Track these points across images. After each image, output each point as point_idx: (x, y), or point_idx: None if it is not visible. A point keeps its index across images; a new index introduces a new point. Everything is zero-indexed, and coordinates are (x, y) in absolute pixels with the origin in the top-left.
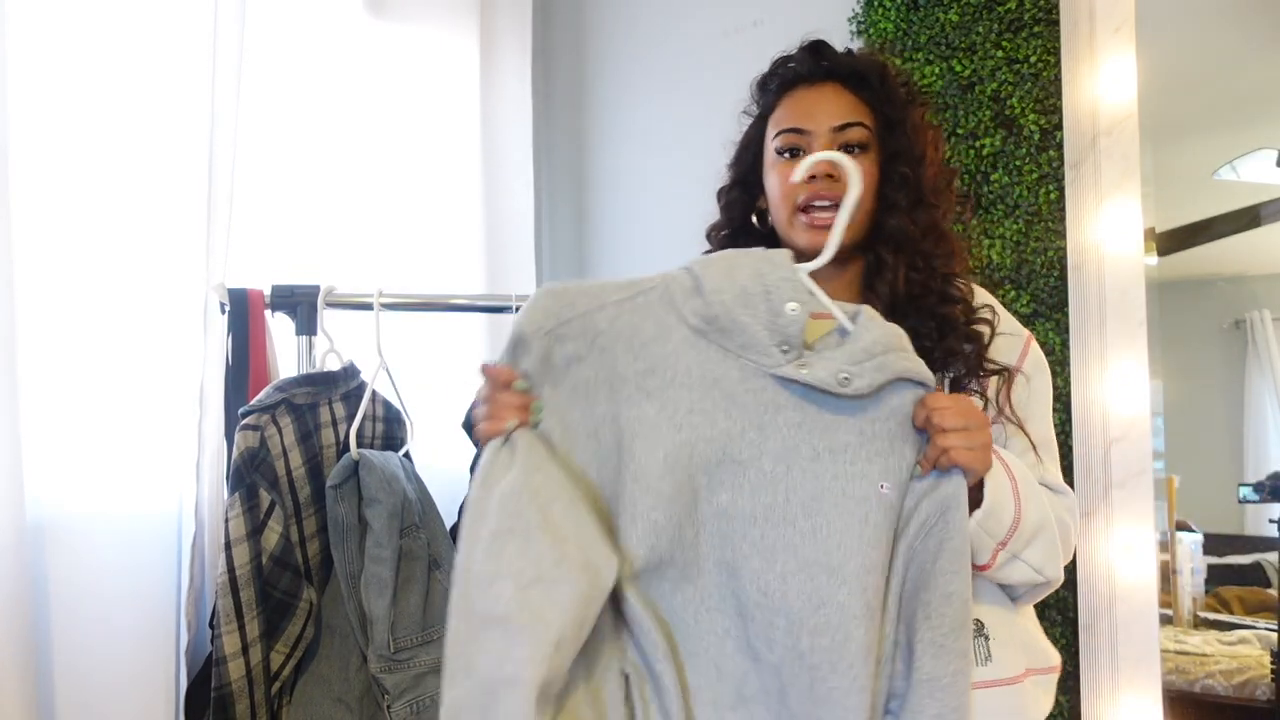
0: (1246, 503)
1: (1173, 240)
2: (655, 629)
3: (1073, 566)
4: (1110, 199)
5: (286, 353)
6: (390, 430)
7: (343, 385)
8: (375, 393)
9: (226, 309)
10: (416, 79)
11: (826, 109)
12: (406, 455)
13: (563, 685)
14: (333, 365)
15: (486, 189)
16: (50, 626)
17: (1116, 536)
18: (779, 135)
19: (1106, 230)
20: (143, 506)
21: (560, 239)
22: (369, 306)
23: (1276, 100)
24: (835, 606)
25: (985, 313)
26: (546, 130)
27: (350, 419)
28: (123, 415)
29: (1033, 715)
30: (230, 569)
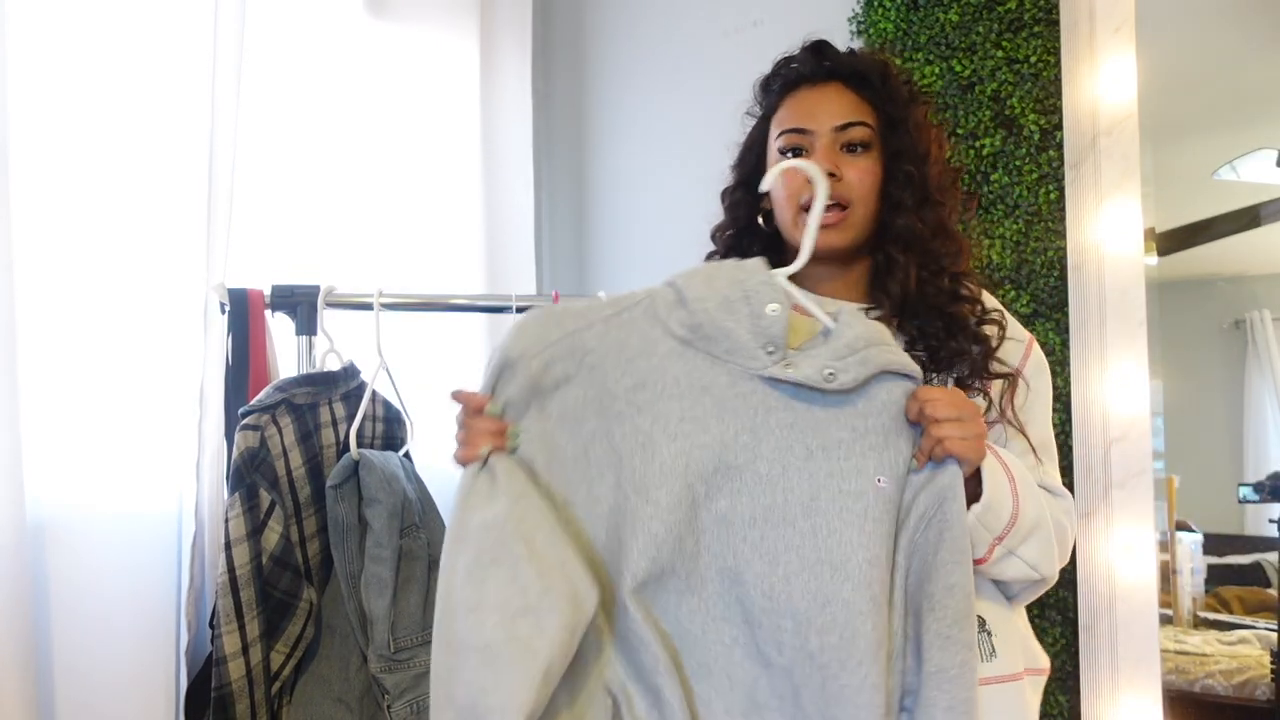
0: (1246, 503)
1: (1173, 240)
2: (656, 642)
3: (1073, 566)
4: (1110, 199)
5: (286, 353)
6: (390, 430)
7: (343, 385)
8: (375, 393)
9: (226, 309)
10: (416, 79)
11: (828, 109)
12: (406, 455)
13: (544, 713)
14: (333, 365)
15: (486, 189)
16: (50, 626)
17: (1116, 536)
18: (781, 135)
19: (1106, 230)
20: (143, 506)
21: (560, 239)
22: (369, 306)
23: (1276, 100)
24: (841, 603)
25: (994, 315)
26: (546, 130)
27: (350, 419)
28: (123, 415)
29: (1031, 714)
30: (230, 569)
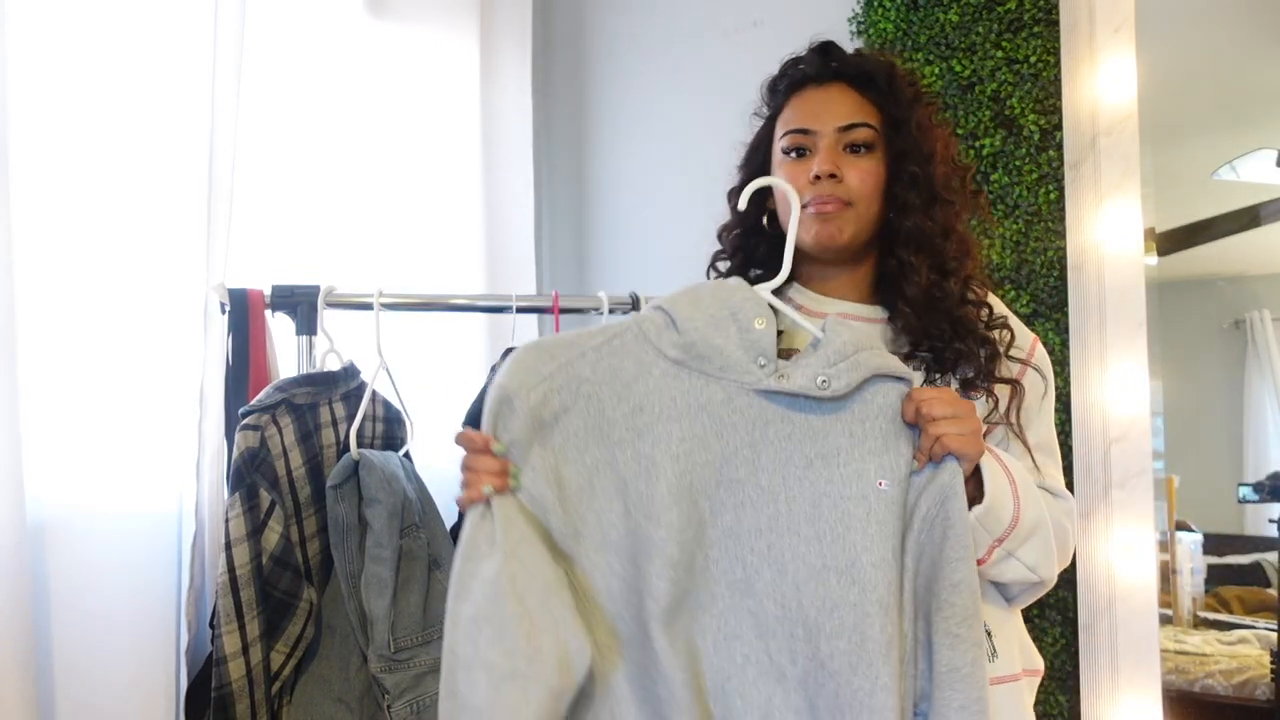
0: (1246, 503)
1: (1173, 240)
2: (680, 671)
3: (1073, 566)
4: (1110, 199)
5: (286, 353)
6: (390, 430)
7: (343, 385)
8: (375, 393)
9: (226, 309)
10: (416, 79)
11: (832, 109)
12: (406, 455)
13: None
14: (333, 365)
15: (486, 189)
16: (50, 626)
17: (1116, 536)
18: (785, 136)
19: (1106, 230)
20: (143, 506)
21: (560, 239)
22: (369, 306)
23: (1276, 100)
24: (848, 607)
25: (1000, 320)
26: (546, 131)
27: (350, 419)
28: (123, 415)
29: (1029, 715)
30: (230, 569)
